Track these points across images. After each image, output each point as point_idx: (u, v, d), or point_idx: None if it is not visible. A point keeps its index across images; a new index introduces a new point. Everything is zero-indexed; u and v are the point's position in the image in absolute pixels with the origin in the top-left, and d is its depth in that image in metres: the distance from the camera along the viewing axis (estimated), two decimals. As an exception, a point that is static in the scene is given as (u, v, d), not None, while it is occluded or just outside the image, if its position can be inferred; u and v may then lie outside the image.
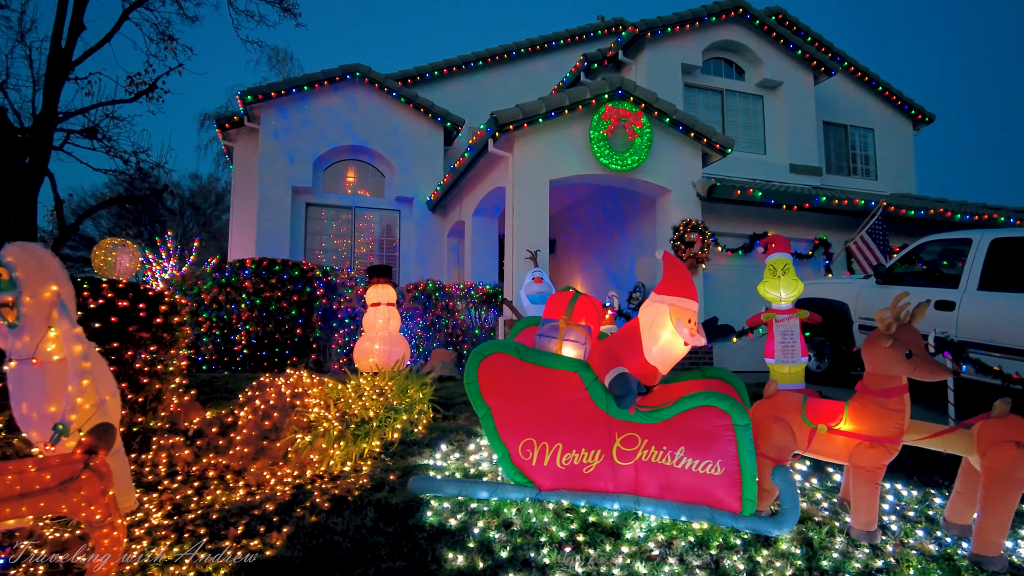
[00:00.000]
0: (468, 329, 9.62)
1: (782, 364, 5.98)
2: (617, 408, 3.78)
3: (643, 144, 9.30)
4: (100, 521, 3.00)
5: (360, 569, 3.12)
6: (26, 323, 3.48)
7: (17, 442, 4.34)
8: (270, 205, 12.49)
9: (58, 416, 3.48)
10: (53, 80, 11.05)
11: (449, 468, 4.52)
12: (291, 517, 3.72)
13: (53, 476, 2.94)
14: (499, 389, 3.95)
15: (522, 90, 15.24)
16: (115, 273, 13.15)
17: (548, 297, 8.34)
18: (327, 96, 13.08)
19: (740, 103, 13.43)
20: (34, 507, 2.90)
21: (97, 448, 3.09)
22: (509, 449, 3.96)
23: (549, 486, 3.89)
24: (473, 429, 5.45)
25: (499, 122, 8.55)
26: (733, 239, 10.52)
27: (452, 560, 3.23)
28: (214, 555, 3.27)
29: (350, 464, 4.61)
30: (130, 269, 13.48)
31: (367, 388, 5.30)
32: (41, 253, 3.61)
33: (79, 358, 3.48)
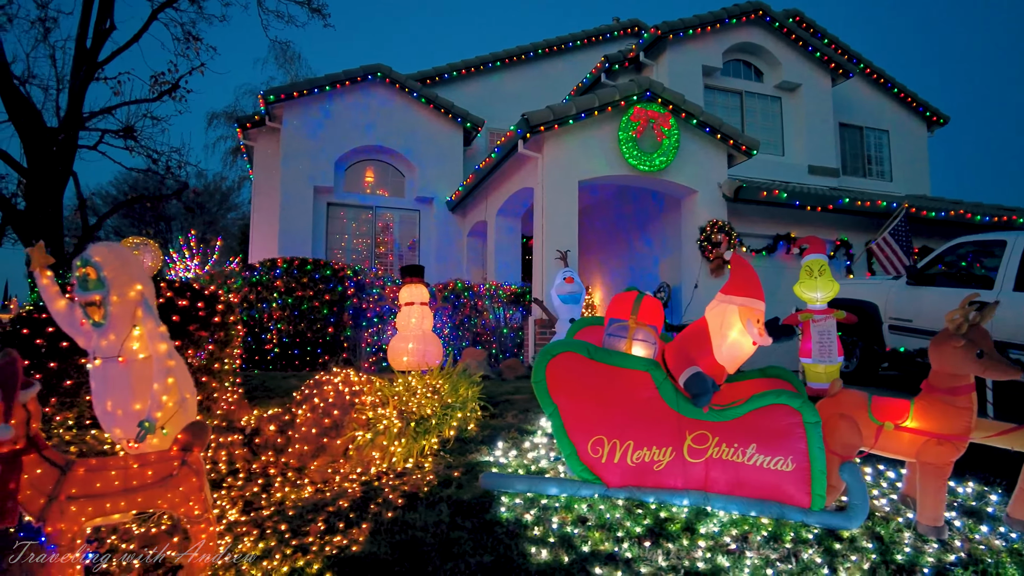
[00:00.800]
0: (496, 329, 9.68)
1: (818, 363, 6.07)
2: (688, 406, 3.85)
3: (671, 145, 9.38)
4: (198, 516, 3.06)
5: (450, 564, 3.19)
6: (112, 322, 3.54)
7: (90, 439, 4.40)
8: (292, 205, 12.55)
9: (143, 414, 3.54)
10: (79, 80, 11.09)
11: (511, 465, 4.58)
12: (367, 513, 3.78)
13: (154, 472, 3.01)
14: (567, 388, 4.02)
15: (539, 91, 15.31)
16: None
17: (582, 297, 8.42)
18: (348, 96, 13.15)
19: (759, 104, 13.51)
20: (137, 502, 2.97)
21: (192, 445, 3.15)
22: (576, 447, 4.02)
23: (617, 483, 3.95)
24: (524, 427, 5.52)
25: (530, 123, 8.61)
26: (756, 240, 10.60)
27: (536, 555, 3.30)
28: (303, 551, 3.34)
29: (412, 461, 4.68)
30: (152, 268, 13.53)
31: (419, 386, 5.36)
32: (126, 253, 3.66)
33: (165, 356, 3.54)
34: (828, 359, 6.11)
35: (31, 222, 10.72)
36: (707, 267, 9.73)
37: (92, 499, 2.85)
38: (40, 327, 4.55)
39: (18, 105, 10.41)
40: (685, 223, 10.18)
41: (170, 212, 35.18)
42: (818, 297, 6.19)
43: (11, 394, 2.71)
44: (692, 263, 9.92)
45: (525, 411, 6.03)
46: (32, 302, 11.34)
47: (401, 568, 3.13)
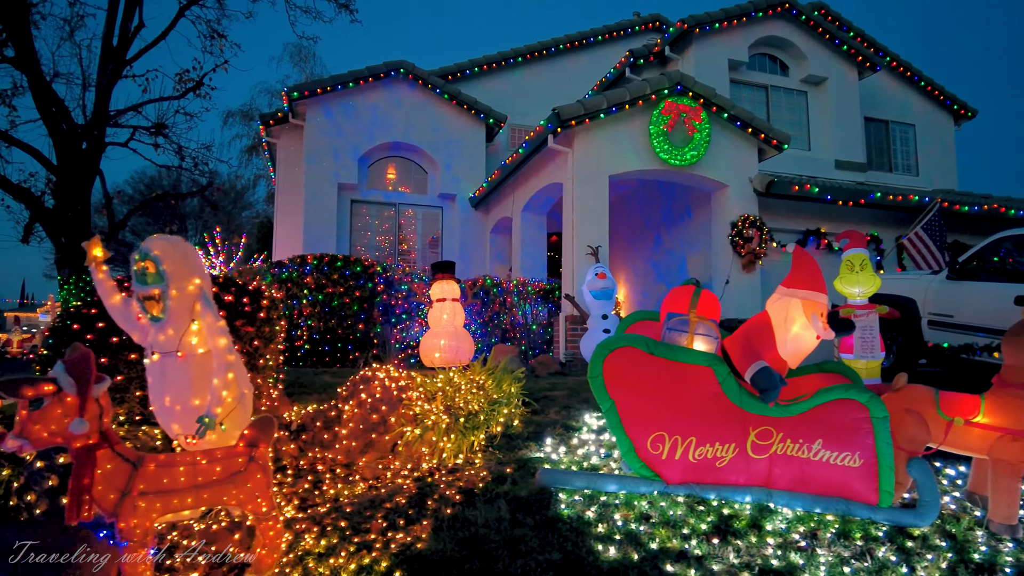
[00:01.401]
0: (525, 325, 9.63)
1: (860, 359, 5.97)
2: (751, 401, 3.78)
3: (702, 139, 9.28)
4: (266, 513, 3.03)
5: (520, 561, 3.13)
6: (171, 316, 3.50)
7: (142, 435, 4.37)
8: (317, 202, 12.55)
9: (202, 409, 3.50)
10: (105, 78, 11.12)
11: (562, 462, 4.53)
12: (426, 510, 3.74)
13: (222, 469, 2.97)
14: (625, 383, 3.95)
15: (560, 86, 15.22)
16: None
17: (614, 293, 8.34)
18: (371, 93, 13.12)
19: (784, 99, 13.38)
20: (205, 499, 2.93)
21: (258, 441, 3.11)
22: (634, 443, 3.95)
23: (677, 479, 3.88)
24: (569, 424, 5.46)
25: (561, 117, 8.55)
26: (786, 235, 10.49)
27: (603, 552, 3.24)
28: (367, 548, 3.30)
29: (462, 457, 4.63)
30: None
31: (463, 382, 5.31)
32: (184, 247, 3.63)
33: (224, 351, 3.50)
34: (870, 355, 6.01)
35: (60, 220, 10.76)
36: (739, 262, 9.62)
37: (163, 495, 2.82)
38: (90, 323, 4.54)
39: (49, 103, 10.45)
40: (715, 218, 10.08)
41: (185, 210, 35.38)
42: (859, 292, 6.09)
43: (85, 389, 2.68)
44: (723, 258, 9.82)
45: (567, 407, 5.98)
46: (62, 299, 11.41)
47: (470, 566, 3.07)
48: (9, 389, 2.55)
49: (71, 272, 10.85)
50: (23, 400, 2.59)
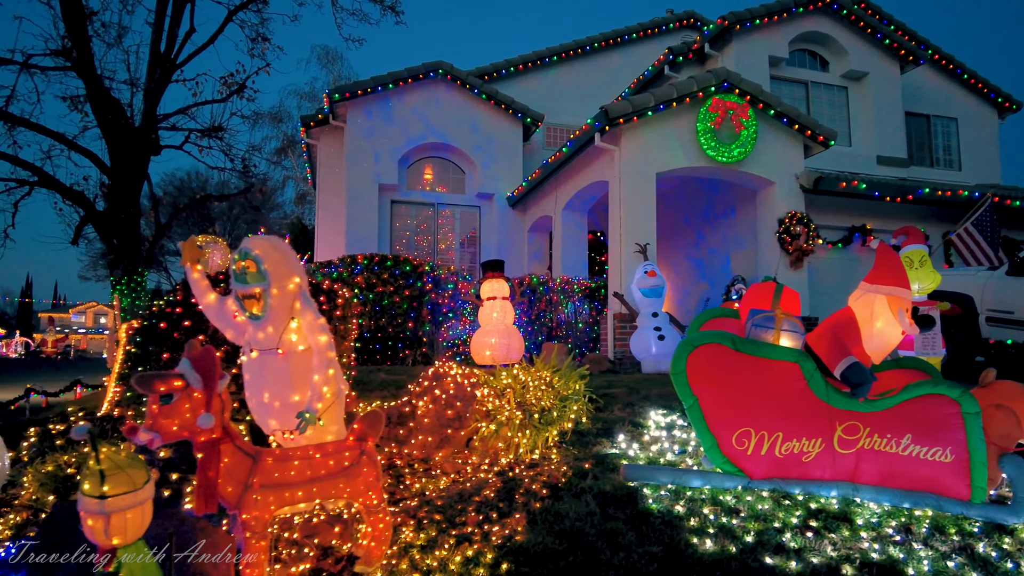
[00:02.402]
0: (570, 323, 9.67)
1: (921, 356, 5.93)
2: (838, 397, 3.79)
3: (749, 136, 9.25)
4: (376, 506, 3.10)
5: (622, 553, 3.18)
6: (271, 315, 3.59)
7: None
8: (358, 203, 12.70)
9: (302, 405, 3.59)
10: (153, 82, 11.37)
11: (639, 458, 4.57)
12: (515, 503, 3.79)
13: (335, 462, 3.05)
14: (709, 379, 3.97)
15: (595, 85, 15.24)
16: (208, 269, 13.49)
17: (663, 291, 8.33)
18: (410, 94, 13.24)
19: (824, 95, 13.26)
20: (321, 492, 3.01)
21: (367, 435, 3.19)
22: (718, 439, 3.98)
23: (761, 474, 3.90)
24: (636, 420, 5.50)
25: (609, 115, 8.57)
26: (831, 232, 10.42)
27: (700, 544, 3.27)
28: (467, 541, 3.36)
29: (537, 452, 4.69)
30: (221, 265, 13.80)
31: (529, 379, 5.36)
32: (284, 246, 3.72)
33: (325, 348, 3.58)
34: (932, 351, 5.98)
35: (112, 222, 11.02)
36: (786, 259, 9.57)
37: (280, 488, 2.90)
38: (177, 321, 4.66)
39: (106, 107, 10.70)
40: (761, 215, 10.04)
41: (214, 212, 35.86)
42: (918, 288, 6.06)
43: (212, 384, 2.77)
44: (769, 255, 9.78)
45: (630, 405, 6.01)
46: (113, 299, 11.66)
47: (574, 558, 3.13)
48: (143, 384, 2.65)
49: (123, 273, 11.11)
50: (153, 395, 2.69)
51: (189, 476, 3.94)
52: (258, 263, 3.54)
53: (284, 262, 3.64)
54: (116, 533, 2.09)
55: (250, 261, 3.54)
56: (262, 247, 3.59)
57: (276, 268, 3.58)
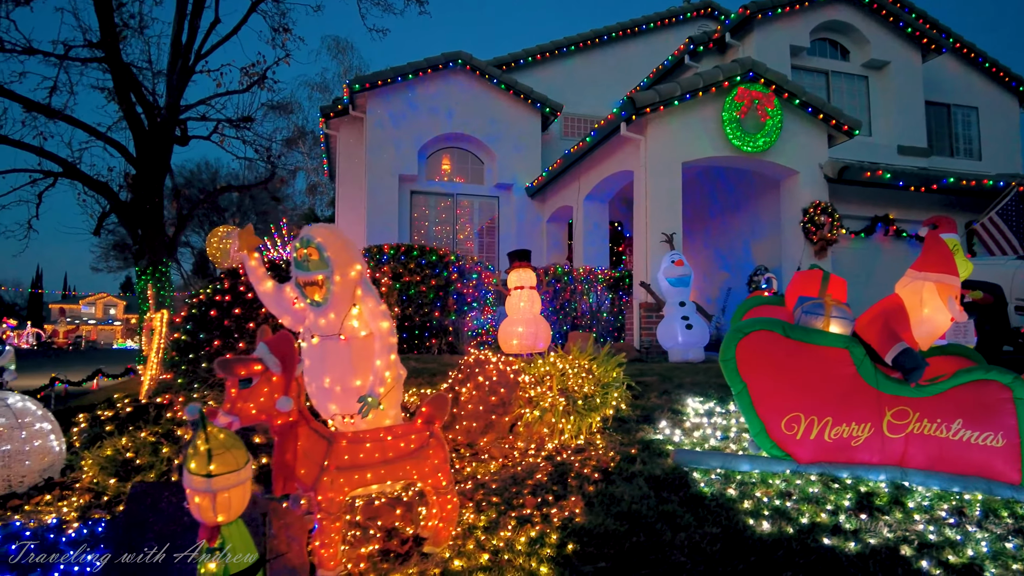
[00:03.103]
0: (594, 312, 9.73)
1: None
2: (887, 382, 3.84)
3: (774, 126, 9.26)
4: (446, 487, 3.17)
5: (682, 534, 3.25)
6: (333, 301, 3.66)
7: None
8: (379, 194, 12.76)
9: (363, 390, 3.67)
10: (175, 74, 11.43)
11: (684, 443, 4.63)
12: (568, 487, 3.87)
13: (406, 445, 3.12)
14: (758, 366, 4.03)
15: (612, 75, 15.25)
16: (229, 259, 13.57)
17: (691, 280, 8.34)
18: (430, 84, 13.26)
19: (845, 84, 13.22)
20: (392, 473, 3.08)
21: (434, 418, 3.26)
22: (766, 424, 4.04)
23: (809, 458, 3.97)
24: (675, 407, 5.57)
25: (636, 104, 8.59)
26: (854, 221, 10.42)
27: (757, 526, 3.34)
28: (527, 522, 3.44)
29: (582, 438, 4.76)
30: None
31: (567, 366, 5.42)
32: (344, 234, 3.78)
33: (387, 334, 3.66)
34: (963, 340, 6.01)
35: (137, 212, 11.12)
36: (810, 249, 9.60)
37: (354, 470, 2.97)
38: (227, 309, 4.74)
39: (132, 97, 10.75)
40: (784, 205, 10.05)
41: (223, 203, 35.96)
42: (952, 277, 6.06)
43: (291, 368, 2.84)
44: (793, 245, 9.80)
45: (665, 392, 6.08)
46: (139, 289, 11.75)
47: (636, 539, 3.20)
48: (225, 368, 2.72)
49: (148, 263, 11.22)
50: (233, 379, 2.76)
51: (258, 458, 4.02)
52: (321, 250, 3.60)
53: (345, 249, 3.71)
54: (221, 510, 2.17)
55: (312, 248, 3.61)
56: (324, 234, 3.65)
57: (338, 255, 3.64)
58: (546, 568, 2.95)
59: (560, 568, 2.96)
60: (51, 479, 4.57)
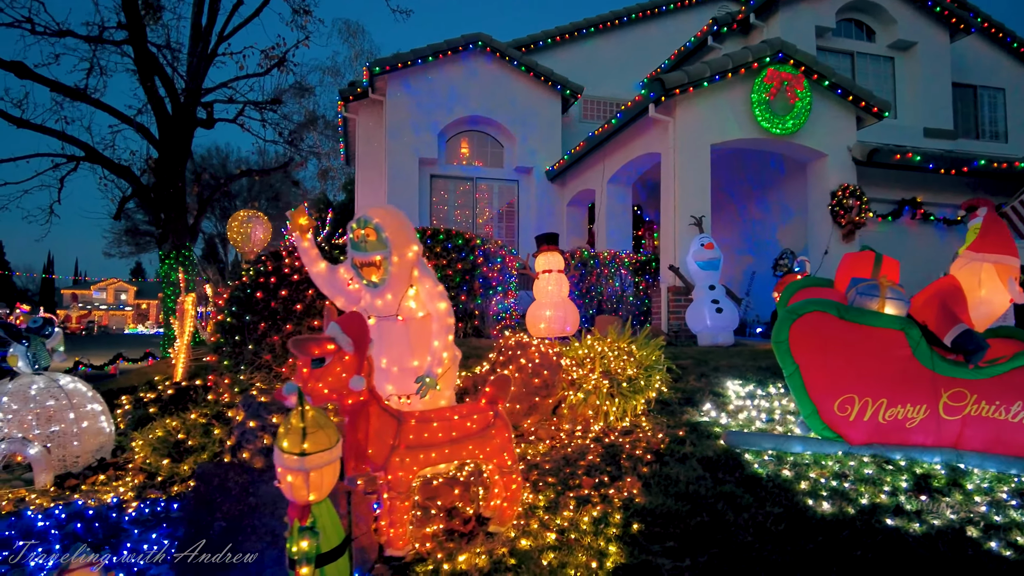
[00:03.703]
0: (621, 296, 9.70)
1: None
2: (944, 364, 3.82)
3: (803, 108, 9.15)
4: (511, 467, 3.18)
5: (745, 514, 3.25)
6: (391, 282, 3.65)
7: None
8: (399, 177, 12.71)
9: (420, 370, 3.67)
10: (195, 57, 11.38)
11: (731, 425, 4.63)
12: (621, 468, 3.87)
13: (472, 424, 3.13)
14: (811, 347, 4.01)
15: (632, 56, 15.08)
16: (250, 244, 13.57)
17: (720, 263, 8.28)
18: (449, 66, 13.16)
19: (871, 66, 13.03)
20: (458, 453, 3.09)
21: (497, 399, 3.26)
22: (818, 406, 4.03)
23: (861, 440, 3.96)
24: (715, 390, 5.56)
25: (665, 85, 8.50)
26: (881, 205, 10.31)
27: (817, 506, 3.34)
28: (587, 502, 3.44)
29: (627, 420, 4.76)
30: (263, 240, 13.90)
31: (606, 349, 5.41)
32: (402, 215, 3.77)
33: (445, 314, 3.66)
34: (1002, 323, 5.96)
35: (161, 196, 11.13)
36: (838, 232, 9.52)
37: (423, 449, 2.98)
38: (274, 291, 4.75)
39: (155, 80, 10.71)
40: (811, 187, 9.96)
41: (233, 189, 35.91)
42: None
43: (364, 347, 2.85)
44: (820, 229, 9.72)
45: (703, 375, 6.06)
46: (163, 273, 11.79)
47: (700, 518, 3.20)
48: (299, 348, 2.72)
49: (172, 247, 11.24)
50: (305, 359, 2.75)
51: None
52: (379, 231, 3.59)
53: (403, 230, 3.70)
54: (314, 489, 2.17)
55: (370, 229, 3.60)
56: (382, 216, 3.64)
57: (396, 236, 3.63)
58: (614, 547, 2.96)
59: (628, 547, 2.97)
60: (103, 459, 4.61)
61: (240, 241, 13.06)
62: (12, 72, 9.56)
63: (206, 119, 11.30)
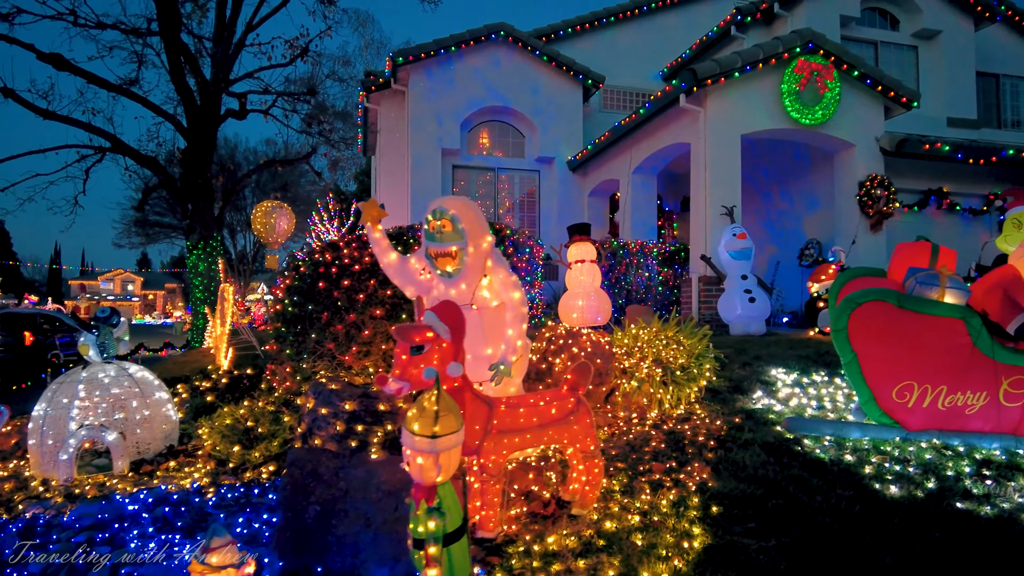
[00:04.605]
0: (649, 286, 9.78)
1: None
2: (1004, 352, 3.90)
3: (832, 98, 9.19)
4: (593, 451, 3.27)
5: (819, 497, 3.34)
6: (466, 272, 3.74)
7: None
8: (423, 169, 12.77)
9: (494, 358, 3.76)
10: (220, 48, 11.42)
11: (785, 412, 4.72)
12: (685, 453, 3.97)
13: (557, 410, 3.22)
14: (870, 336, 4.09)
15: (652, 46, 15.09)
16: (274, 234, 13.64)
17: (752, 253, 8.32)
18: (471, 57, 13.17)
19: (894, 55, 13.02)
20: (545, 437, 3.18)
21: (579, 385, 3.35)
22: (875, 392, 4.12)
23: (919, 426, 4.05)
24: (761, 378, 5.65)
25: (697, 75, 8.54)
26: (907, 195, 10.36)
27: (885, 490, 3.43)
28: (660, 487, 3.54)
29: (682, 408, 4.86)
30: (287, 230, 13.98)
31: (649, 337, 5.49)
32: (476, 206, 3.85)
33: (519, 303, 3.74)
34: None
35: (188, 187, 11.21)
36: (866, 223, 9.58)
37: (513, 433, 3.08)
38: (336, 281, 4.84)
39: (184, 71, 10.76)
40: (839, 178, 10.01)
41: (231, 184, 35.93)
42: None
43: (461, 336, 2.94)
44: (848, 219, 9.77)
45: (746, 364, 6.16)
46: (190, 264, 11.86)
47: (777, 501, 3.29)
48: (402, 335, 2.81)
49: (200, 238, 11.34)
50: (404, 346, 2.84)
51: (374, 427, 4.14)
52: (455, 222, 3.66)
53: (478, 220, 3.77)
54: (443, 470, 2.26)
55: (446, 220, 3.67)
56: (457, 207, 3.71)
57: (471, 226, 3.71)
58: (698, 528, 3.06)
59: (712, 528, 3.07)
60: (172, 446, 4.73)
61: (264, 232, 13.16)
62: (51, 64, 9.65)
63: (239, 110, 11.36)
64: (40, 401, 4.47)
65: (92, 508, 3.65)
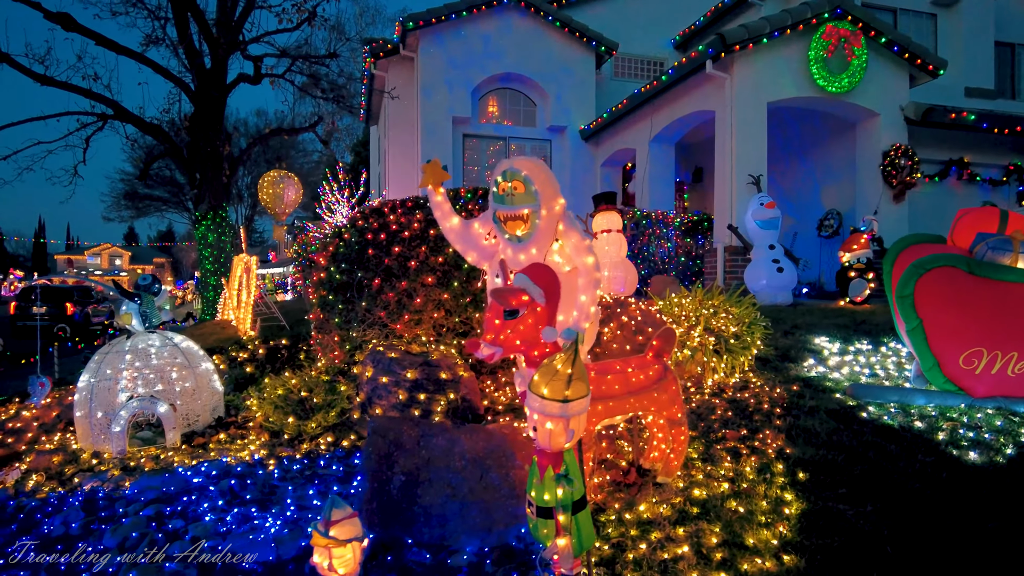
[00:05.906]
0: (673, 256, 9.71)
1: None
2: (1079, 319, 3.86)
3: (859, 65, 9.05)
4: (680, 419, 3.21)
5: (901, 463, 3.31)
6: (537, 236, 3.61)
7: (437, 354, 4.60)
8: (433, 137, 12.54)
9: (565, 324, 3.67)
10: (225, 13, 11.08)
11: (843, 379, 4.69)
12: (753, 421, 3.93)
13: (646, 377, 3.15)
14: (937, 302, 4.04)
15: (662, 13, 14.82)
16: (282, 204, 13.39)
17: (779, 222, 8.24)
18: (483, 22, 12.87)
19: (912, 23, 12.84)
20: (635, 405, 3.11)
21: (663, 351, 3.28)
22: (940, 359, 4.08)
23: (984, 392, 4.02)
24: (808, 347, 5.62)
25: (726, 41, 8.37)
26: (929, 165, 10.29)
27: (963, 455, 3.40)
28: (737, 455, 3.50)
29: (737, 376, 4.81)
30: (295, 200, 13.73)
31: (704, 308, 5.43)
32: (547, 167, 3.71)
33: (592, 269, 3.63)
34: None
35: (195, 156, 10.94)
36: (889, 193, 9.52)
37: (604, 400, 3.01)
38: (387, 248, 4.72)
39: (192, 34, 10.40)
40: (861, 147, 9.91)
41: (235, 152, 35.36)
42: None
43: (556, 300, 2.85)
44: (870, 189, 9.70)
45: (786, 333, 6.12)
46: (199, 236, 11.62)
47: (861, 468, 3.26)
48: (499, 299, 2.72)
49: (208, 208, 11.11)
50: (498, 310, 2.75)
51: (436, 396, 4.07)
52: (528, 184, 3.53)
53: (551, 182, 3.64)
54: (574, 436, 2.19)
55: (518, 182, 3.54)
56: (529, 168, 3.58)
57: (544, 189, 3.57)
58: (790, 494, 3.02)
59: (803, 494, 3.03)
60: (221, 418, 4.63)
61: (271, 202, 12.93)
62: (59, 24, 9.28)
63: (253, 75, 11.04)
64: (84, 372, 4.35)
65: (154, 481, 3.56)
